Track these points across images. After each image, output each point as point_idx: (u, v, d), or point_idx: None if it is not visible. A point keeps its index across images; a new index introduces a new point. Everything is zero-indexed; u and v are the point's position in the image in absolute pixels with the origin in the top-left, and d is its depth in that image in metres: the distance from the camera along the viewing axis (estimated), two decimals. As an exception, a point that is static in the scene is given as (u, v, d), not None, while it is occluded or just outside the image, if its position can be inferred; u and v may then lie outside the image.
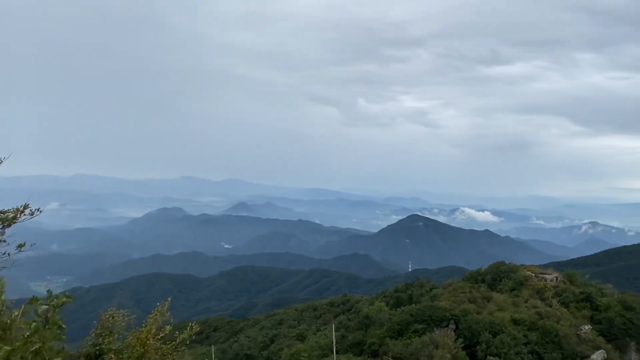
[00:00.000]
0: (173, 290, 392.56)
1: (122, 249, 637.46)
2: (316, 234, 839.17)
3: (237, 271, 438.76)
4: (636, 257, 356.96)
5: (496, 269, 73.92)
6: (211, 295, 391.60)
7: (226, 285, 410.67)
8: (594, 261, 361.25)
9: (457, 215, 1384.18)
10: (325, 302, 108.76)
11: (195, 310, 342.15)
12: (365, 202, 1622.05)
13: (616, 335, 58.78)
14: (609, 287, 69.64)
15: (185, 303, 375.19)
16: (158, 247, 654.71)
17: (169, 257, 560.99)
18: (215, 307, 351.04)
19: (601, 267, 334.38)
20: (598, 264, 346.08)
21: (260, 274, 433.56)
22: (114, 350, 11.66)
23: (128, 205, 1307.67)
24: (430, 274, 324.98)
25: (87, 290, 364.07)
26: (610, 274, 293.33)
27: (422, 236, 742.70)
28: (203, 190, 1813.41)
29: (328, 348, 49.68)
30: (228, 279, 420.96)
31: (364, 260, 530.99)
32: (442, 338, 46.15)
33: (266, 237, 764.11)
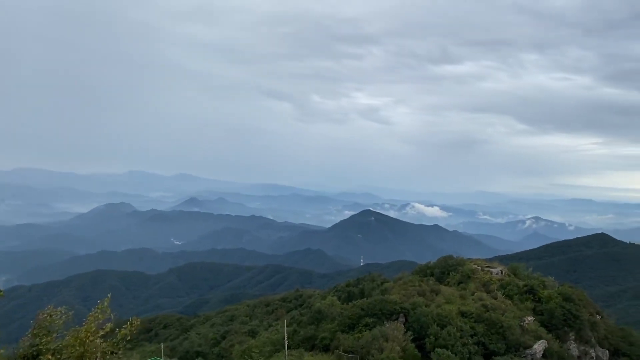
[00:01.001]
0: (121, 287, 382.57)
1: (67, 246, 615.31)
2: (269, 230, 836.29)
3: (188, 268, 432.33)
4: (576, 251, 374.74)
5: (444, 262, 75.59)
6: (161, 292, 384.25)
7: (177, 282, 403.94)
8: (537, 255, 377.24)
9: (407, 210, 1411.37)
10: (277, 297, 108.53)
11: (145, 307, 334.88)
12: (318, 198, 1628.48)
13: (556, 326, 61.41)
14: (550, 279, 72.50)
15: (133, 300, 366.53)
16: (105, 244, 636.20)
17: (117, 254, 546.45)
18: (166, 304, 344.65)
19: (543, 260, 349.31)
20: (540, 258, 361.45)
21: (212, 270, 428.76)
22: (52, 351, 11.18)
23: (73, 201, 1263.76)
24: (381, 268, 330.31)
25: (29, 289, 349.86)
26: (552, 266, 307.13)
27: (374, 231, 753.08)
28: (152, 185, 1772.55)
29: (280, 343, 49.59)
30: (179, 276, 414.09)
31: (317, 256, 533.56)
32: (392, 331, 46.91)
33: (218, 233, 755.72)
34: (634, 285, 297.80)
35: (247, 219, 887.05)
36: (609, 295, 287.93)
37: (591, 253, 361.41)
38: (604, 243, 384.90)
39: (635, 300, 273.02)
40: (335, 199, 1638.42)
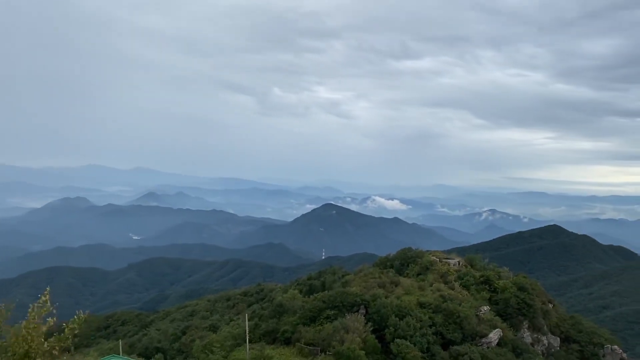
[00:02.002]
0: (77, 284, 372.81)
1: (20, 242, 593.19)
2: (230, 224, 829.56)
3: (147, 263, 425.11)
4: (530, 242, 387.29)
5: (404, 254, 76.89)
6: (119, 289, 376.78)
7: (135, 278, 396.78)
8: (493, 246, 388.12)
9: (368, 203, 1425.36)
10: (239, 292, 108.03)
11: (102, 304, 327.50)
12: (280, 192, 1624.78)
13: (511, 315, 63.52)
14: (505, 270, 74.82)
15: (90, 297, 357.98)
16: (60, 240, 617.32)
17: (73, 250, 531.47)
18: (124, 300, 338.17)
19: (499, 251, 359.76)
20: (496, 249, 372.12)
21: (172, 266, 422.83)
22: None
23: (26, 195, 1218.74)
24: (342, 261, 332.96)
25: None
26: (507, 257, 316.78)
27: (336, 224, 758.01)
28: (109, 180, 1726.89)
29: (241, 337, 49.50)
30: (137, 272, 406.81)
31: (279, 250, 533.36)
32: (353, 323, 47.53)
33: (178, 227, 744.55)
34: (584, 275, 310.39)
35: (207, 214, 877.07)
36: (561, 284, 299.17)
37: (544, 244, 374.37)
38: (556, 234, 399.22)
39: (585, 289, 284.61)
40: (297, 193, 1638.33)
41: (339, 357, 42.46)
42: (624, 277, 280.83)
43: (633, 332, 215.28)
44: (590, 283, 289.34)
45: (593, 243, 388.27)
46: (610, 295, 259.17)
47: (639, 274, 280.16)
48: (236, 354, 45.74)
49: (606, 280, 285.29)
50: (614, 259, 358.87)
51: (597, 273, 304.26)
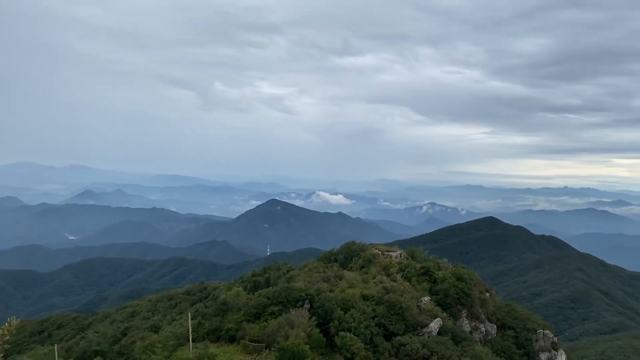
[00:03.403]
0: (8, 288, 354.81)
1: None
2: (172, 222, 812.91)
3: (84, 264, 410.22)
4: (467, 234, 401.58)
5: (347, 248, 77.70)
6: (55, 291, 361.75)
7: (72, 280, 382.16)
8: (433, 238, 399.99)
9: (313, 199, 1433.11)
10: (181, 291, 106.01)
11: (36, 308, 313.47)
12: (223, 188, 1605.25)
13: (450, 304, 65.54)
14: (444, 261, 77.08)
15: (23, 301, 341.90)
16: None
17: (3, 252, 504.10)
18: (60, 303, 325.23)
19: (438, 243, 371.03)
20: (436, 241, 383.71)
21: (111, 266, 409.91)
22: None
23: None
24: (288, 256, 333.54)
25: None
26: (446, 249, 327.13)
27: (281, 220, 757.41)
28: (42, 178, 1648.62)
29: (184, 337, 48.60)
30: (74, 273, 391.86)
31: (223, 247, 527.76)
32: (297, 318, 47.63)
33: (117, 226, 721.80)
34: (519, 264, 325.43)
35: (148, 212, 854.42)
36: (497, 273, 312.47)
37: (481, 235, 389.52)
38: (492, 226, 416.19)
39: (519, 277, 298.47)
40: (241, 189, 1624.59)
41: (284, 352, 42.46)
42: (556, 265, 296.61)
43: (563, 317, 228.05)
44: (524, 272, 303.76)
45: (527, 234, 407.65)
46: (543, 283, 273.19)
47: (569, 263, 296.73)
48: (179, 354, 44.87)
49: (539, 268, 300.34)
50: (546, 248, 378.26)
51: (531, 262, 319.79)
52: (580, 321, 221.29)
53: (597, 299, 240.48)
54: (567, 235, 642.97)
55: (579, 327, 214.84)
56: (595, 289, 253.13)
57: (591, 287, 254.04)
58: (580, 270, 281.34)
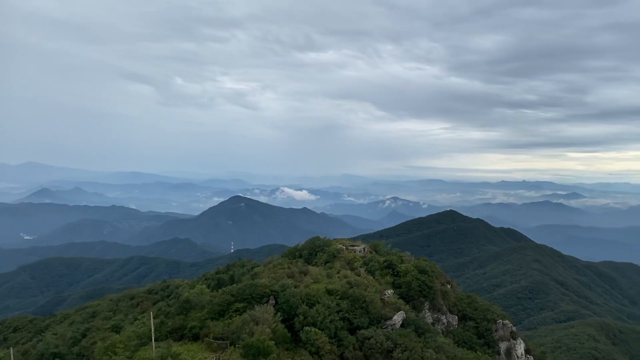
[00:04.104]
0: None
1: None
2: (132, 220, 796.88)
3: (41, 264, 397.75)
4: (429, 227, 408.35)
5: (312, 244, 77.91)
6: (10, 293, 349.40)
7: (28, 281, 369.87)
8: (395, 232, 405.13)
9: (277, 195, 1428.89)
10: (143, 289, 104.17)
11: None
12: (185, 185, 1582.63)
13: (413, 297, 66.66)
14: (407, 254, 78.22)
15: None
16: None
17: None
18: (16, 305, 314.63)
19: (401, 236, 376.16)
20: (399, 234, 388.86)
21: (69, 266, 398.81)
22: None
23: None
24: (252, 253, 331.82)
25: None
26: (409, 242, 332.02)
27: (244, 217, 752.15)
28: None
29: (146, 336, 47.87)
30: (31, 274, 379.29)
31: (185, 245, 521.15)
32: (262, 314, 47.57)
33: (75, 225, 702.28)
34: (479, 256, 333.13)
35: (107, 210, 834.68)
36: (458, 265, 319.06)
37: (442, 228, 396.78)
38: (452, 219, 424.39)
39: (479, 269, 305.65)
40: (204, 186, 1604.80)
41: (249, 349, 42.34)
42: (514, 257, 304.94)
43: (522, 307, 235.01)
44: (484, 264, 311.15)
45: (486, 226, 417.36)
46: (502, 274, 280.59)
47: (527, 254, 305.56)
48: (141, 354, 44.16)
49: (498, 260, 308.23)
50: (504, 240, 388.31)
51: (490, 254, 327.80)
52: (538, 311, 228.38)
53: (554, 288, 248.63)
54: (525, 228, 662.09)
55: (537, 316, 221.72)
56: (551, 279, 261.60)
57: (548, 278, 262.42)
58: (538, 261, 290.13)
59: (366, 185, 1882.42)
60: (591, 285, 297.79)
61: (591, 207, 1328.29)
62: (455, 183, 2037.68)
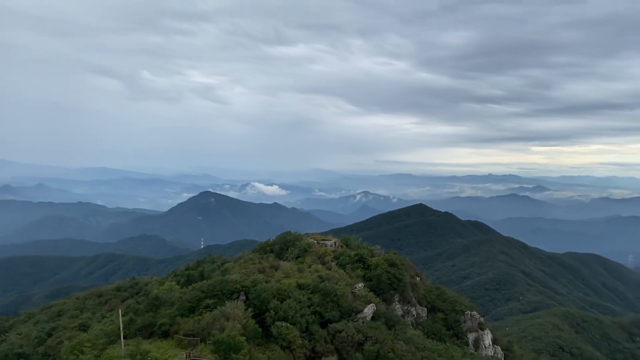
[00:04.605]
0: None
1: None
2: (99, 217, 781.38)
3: (3, 263, 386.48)
4: (399, 221, 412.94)
5: (283, 239, 77.98)
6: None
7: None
8: (366, 226, 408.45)
9: (247, 190, 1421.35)
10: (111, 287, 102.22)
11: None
12: (154, 181, 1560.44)
13: (383, 290, 67.46)
14: (377, 248, 79.00)
15: None
16: None
17: None
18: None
19: (372, 230, 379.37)
20: (369, 228, 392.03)
21: (34, 265, 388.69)
22: None
23: None
24: (222, 249, 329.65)
25: None
26: (379, 236, 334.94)
27: (214, 212, 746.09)
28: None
29: (115, 334, 47.11)
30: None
31: (154, 241, 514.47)
32: (233, 310, 47.37)
33: (39, 222, 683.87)
34: (447, 249, 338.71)
35: (73, 206, 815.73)
36: (427, 258, 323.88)
37: (412, 222, 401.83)
38: (422, 213, 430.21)
39: (448, 261, 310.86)
40: (172, 182, 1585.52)
41: (219, 345, 42.12)
42: (481, 249, 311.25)
43: (489, 298, 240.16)
44: (452, 256, 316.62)
45: (454, 219, 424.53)
46: (470, 266, 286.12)
47: (494, 246, 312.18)
48: (110, 352, 43.41)
49: (466, 252, 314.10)
50: (472, 233, 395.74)
51: (458, 247, 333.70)
52: (505, 301, 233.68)
53: (520, 280, 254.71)
54: (492, 220, 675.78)
55: (504, 307, 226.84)
56: (518, 271, 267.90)
57: (514, 269, 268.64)
58: (504, 253, 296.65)
59: (337, 179, 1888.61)
60: (556, 276, 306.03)
61: (555, 200, 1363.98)
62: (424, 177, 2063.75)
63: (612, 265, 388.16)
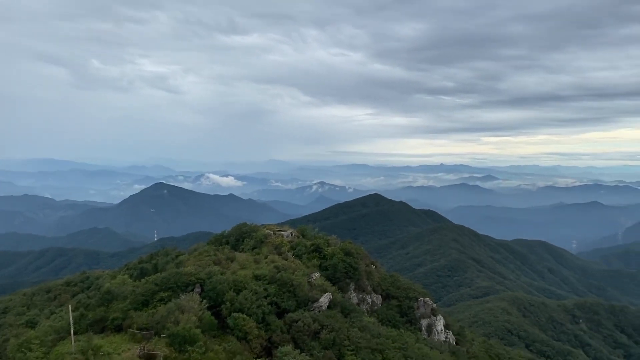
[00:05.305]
0: None
1: None
2: (47, 210, 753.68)
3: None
4: (355, 210, 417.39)
5: (239, 230, 77.58)
6: None
7: None
8: (323, 216, 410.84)
9: (202, 181, 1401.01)
10: (61, 282, 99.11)
11: None
12: (104, 172, 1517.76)
13: (339, 279, 68.32)
14: (333, 238, 79.72)
15: None
16: None
17: None
18: None
19: (328, 220, 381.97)
20: (326, 218, 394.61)
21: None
22: None
23: None
24: (177, 241, 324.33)
25: None
26: (335, 226, 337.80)
27: (168, 204, 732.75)
28: None
29: (65, 330, 45.86)
30: None
31: (106, 234, 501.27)
32: (188, 302, 46.94)
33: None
34: (401, 237, 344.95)
35: (18, 199, 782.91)
36: (382, 247, 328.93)
37: (367, 212, 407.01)
38: (377, 202, 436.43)
39: (402, 249, 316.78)
40: (124, 173, 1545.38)
41: (174, 338, 41.72)
42: (434, 237, 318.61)
43: (442, 285, 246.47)
44: (406, 244, 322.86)
45: (408, 208, 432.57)
46: (423, 254, 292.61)
47: (446, 234, 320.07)
48: (59, 349, 42.23)
49: (419, 241, 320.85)
50: (425, 221, 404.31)
51: (412, 235, 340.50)
52: (456, 287, 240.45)
53: (471, 266, 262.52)
54: (444, 209, 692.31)
55: (455, 293, 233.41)
56: (468, 258, 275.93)
57: (465, 256, 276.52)
58: (456, 240, 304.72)
59: (293, 170, 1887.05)
60: (504, 262, 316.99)
61: (504, 189, 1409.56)
62: (379, 167, 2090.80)
63: (557, 251, 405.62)
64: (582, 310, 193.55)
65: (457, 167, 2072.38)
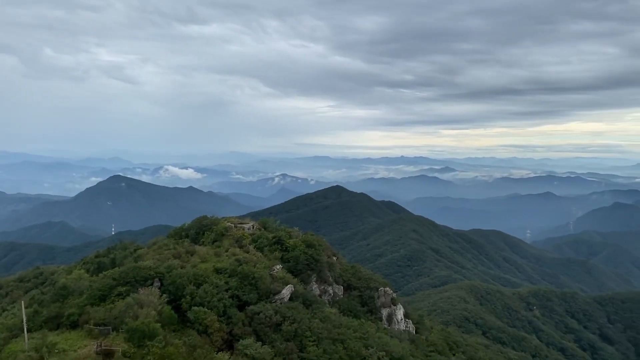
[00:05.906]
0: None
1: None
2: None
3: None
4: (316, 202, 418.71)
5: (199, 223, 76.75)
6: None
7: None
8: (285, 208, 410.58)
9: (161, 174, 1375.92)
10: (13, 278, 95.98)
11: None
12: (58, 164, 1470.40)
13: (301, 270, 68.57)
14: (295, 230, 79.83)
15: None
16: None
17: None
18: None
19: (290, 212, 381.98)
20: (288, 211, 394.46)
21: None
22: None
23: None
24: (135, 235, 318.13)
25: None
26: (297, 218, 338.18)
27: (126, 197, 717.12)
28: None
29: (18, 327, 44.50)
30: None
31: (60, 228, 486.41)
32: (147, 297, 46.26)
33: None
34: (362, 229, 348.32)
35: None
36: (344, 238, 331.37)
37: (329, 203, 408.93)
38: (338, 194, 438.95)
39: (363, 240, 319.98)
40: (79, 165, 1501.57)
41: (133, 333, 41.07)
42: (394, 227, 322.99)
43: (401, 275, 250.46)
44: (367, 235, 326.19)
45: (369, 200, 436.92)
46: (384, 244, 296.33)
47: (406, 225, 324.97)
48: (12, 347, 40.97)
49: (380, 232, 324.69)
50: (386, 213, 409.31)
51: (373, 226, 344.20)
52: (416, 277, 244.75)
53: (430, 256, 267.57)
54: (404, 200, 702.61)
55: (415, 282, 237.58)
56: (427, 248, 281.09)
57: (424, 246, 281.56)
58: (415, 231, 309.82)
59: (255, 162, 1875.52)
60: (462, 251, 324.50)
61: (461, 180, 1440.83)
62: (340, 159, 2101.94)
63: (512, 240, 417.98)
64: (536, 298, 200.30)
65: (416, 159, 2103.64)
